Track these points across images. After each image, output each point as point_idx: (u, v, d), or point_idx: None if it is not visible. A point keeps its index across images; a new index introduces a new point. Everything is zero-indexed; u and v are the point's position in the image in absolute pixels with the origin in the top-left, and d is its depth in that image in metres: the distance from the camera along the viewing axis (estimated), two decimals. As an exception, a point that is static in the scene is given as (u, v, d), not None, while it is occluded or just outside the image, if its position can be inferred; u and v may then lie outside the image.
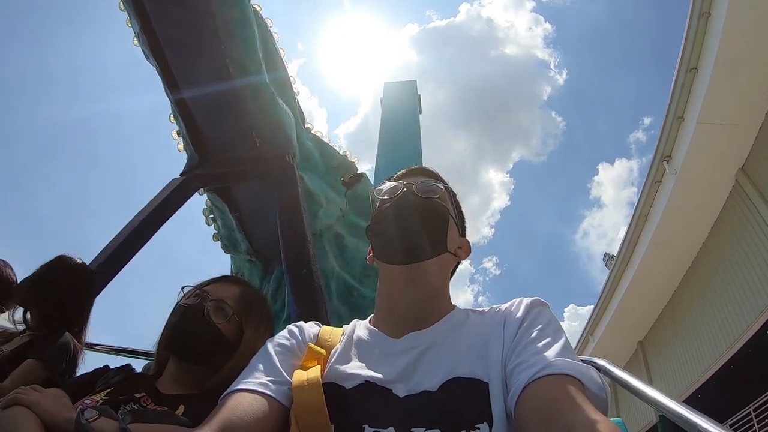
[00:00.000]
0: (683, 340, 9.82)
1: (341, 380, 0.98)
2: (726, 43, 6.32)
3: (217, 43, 2.20)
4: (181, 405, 1.29)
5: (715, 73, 6.62)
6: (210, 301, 1.43)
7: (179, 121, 2.39)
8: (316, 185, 2.63)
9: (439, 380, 0.91)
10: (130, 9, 2.19)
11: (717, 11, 6.35)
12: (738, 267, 8.01)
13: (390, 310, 1.12)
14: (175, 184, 2.35)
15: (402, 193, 1.15)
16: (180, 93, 2.34)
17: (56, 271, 1.93)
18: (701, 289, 9.20)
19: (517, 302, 1.05)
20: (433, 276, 1.10)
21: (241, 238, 2.72)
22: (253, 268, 2.82)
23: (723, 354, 8.36)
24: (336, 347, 1.09)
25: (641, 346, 11.83)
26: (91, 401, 1.26)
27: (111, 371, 1.50)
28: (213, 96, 2.34)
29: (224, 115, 2.39)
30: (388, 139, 5.90)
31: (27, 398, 1.12)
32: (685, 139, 7.58)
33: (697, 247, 9.15)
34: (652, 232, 9.02)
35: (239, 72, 2.27)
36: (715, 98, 6.86)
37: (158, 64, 2.27)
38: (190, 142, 2.43)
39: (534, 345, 0.91)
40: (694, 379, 9.25)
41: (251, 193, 2.61)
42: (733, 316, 8.15)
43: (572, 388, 0.79)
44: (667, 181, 8.31)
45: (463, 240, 1.22)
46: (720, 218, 8.48)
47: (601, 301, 11.44)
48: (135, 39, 2.25)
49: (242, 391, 0.97)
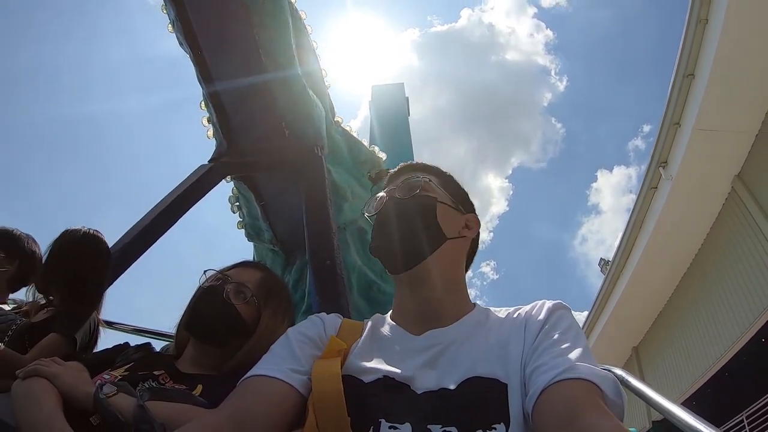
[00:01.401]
0: (678, 346, 9.90)
1: (360, 374, 0.98)
2: (723, 50, 6.42)
3: (251, 32, 2.21)
4: (199, 385, 1.31)
5: (712, 79, 6.72)
6: (230, 283, 1.45)
7: (210, 108, 2.40)
8: (342, 179, 2.65)
9: (458, 378, 0.92)
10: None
11: (714, 18, 6.45)
12: (733, 274, 8.11)
13: (406, 309, 1.12)
14: (203, 170, 2.35)
15: (385, 202, 1.17)
16: (212, 81, 2.35)
17: (63, 247, 1.93)
18: (696, 295, 9.29)
19: (539, 304, 1.06)
20: (442, 268, 1.11)
21: (265, 227, 2.73)
22: (275, 257, 2.83)
23: (717, 360, 8.43)
24: (357, 341, 1.09)
25: (636, 351, 11.90)
26: (110, 376, 1.28)
27: (131, 348, 1.52)
28: (244, 85, 2.34)
29: (254, 105, 2.40)
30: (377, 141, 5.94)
31: (47, 370, 1.13)
32: (682, 146, 7.66)
33: (693, 254, 9.25)
34: (647, 238, 9.10)
35: (271, 62, 2.28)
36: (712, 105, 6.96)
37: (191, 51, 2.28)
38: (220, 129, 2.43)
39: (554, 348, 0.91)
40: (689, 385, 9.32)
41: (278, 184, 2.62)
42: (727, 322, 8.23)
43: (591, 393, 0.80)
44: (663, 187, 8.39)
45: (468, 217, 1.22)
46: (716, 225, 8.58)
47: (596, 307, 11.50)
48: (170, 26, 2.26)
49: (262, 377, 0.98)
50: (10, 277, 2.22)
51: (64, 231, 1.96)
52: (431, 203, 1.15)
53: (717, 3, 6.35)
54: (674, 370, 10.00)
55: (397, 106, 6.62)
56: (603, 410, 0.77)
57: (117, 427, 1.03)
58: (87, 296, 1.92)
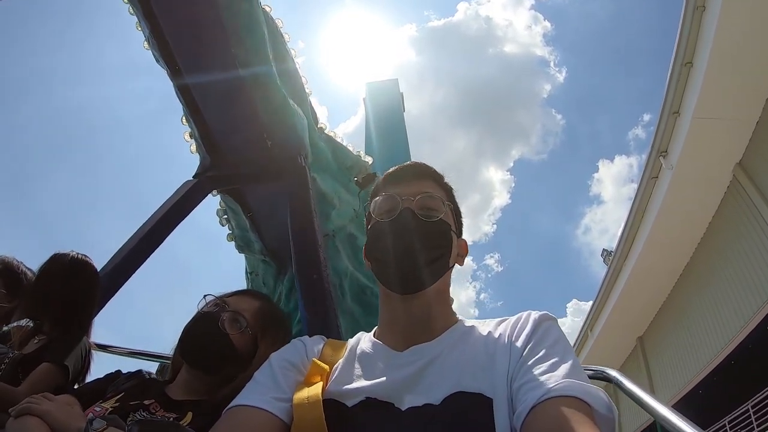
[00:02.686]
0: (682, 336, 9.88)
1: (342, 397, 0.98)
2: (721, 37, 6.36)
3: (227, 45, 2.19)
4: (189, 412, 1.30)
5: (710, 67, 6.66)
6: (227, 311, 1.44)
7: (191, 123, 2.39)
8: (328, 186, 2.64)
9: (443, 394, 0.91)
10: (139, 12, 2.18)
11: (712, 4, 6.38)
12: (736, 262, 8.07)
13: (391, 325, 1.11)
14: (189, 186, 2.34)
15: (400, 213, 1.11)
16: (191, 96, 2.34)
17: (52, 272, 1.91)
18: (699, 284, 9.26)
19: (524, 316, 1.04)
20: (433, 294, 1.10)
21: (254, 239, 2.72)
22: (267, 268, 2.81)
23: (722, 350, 8.41)
24: (339, 362, 1.09)
25: (640, 341, 11.89)
26: (101, 409, 1.29)
27: (122, 377, 1.52)
28: (224, 98, 2.34)
29: (235, 117, 2.38)
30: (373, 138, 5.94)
31: (38, 408, 1.13)
32: (681, 134, 7.62)
33: (695, 243, 9.21)
34: (649, 227, 9.07)
35: (250, 74, 2.26)
36: (711, 93, 6.90)
37: (168, 67, 2.27)
38: (203, 144, 2.42)
39: (541, 364, 0.90)
40: (693, 375, 9.30)
41: (264, 194, 2.61)
42: (731, 311, 8.20)
43: (580, 412, 0.79)
44: (664, 176, 8.36)
45: (461, 242, 1.21)
46: (717, 214, 8.54)
47: (600, 297, 11.50)
48: (145, 42, 2.24)
49: (246, 407, 0.98)
50: (5, 314, 2.20)
51: (52, 256, 1.94)
52: (450, 235, 1.14)
53: (713, -10, 6.26)
54: (679, 359, 9.99)
55: (392, 102, 6.61)
56: (592, 428, 0.77)
57: None
58: (77, 322, 1.91)
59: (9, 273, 2.18)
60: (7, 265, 2.18)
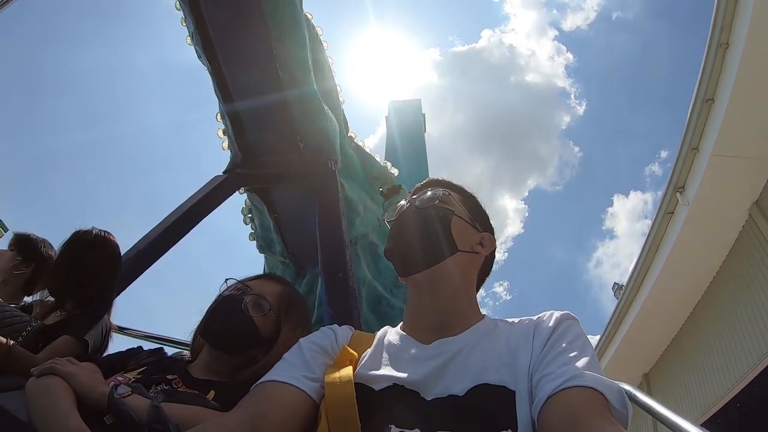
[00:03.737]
0: (689, 375, 9.69)
1: (370, 382, 1.00)
2: (743, 75, 6.36)
3: (268, 47, 2.24)
4: (211, 390, 1.31)
5: (731, 104, 6.65)
6: (250, 294, 1.46)
7: (226, 120, 2.43)
8: (355, 193, 2.67)
9: (467, 385, 0.93)
10: (186, 8, 2.24)
11: (735, 42, 6.41)
12: (749, 302, 7.93)
13: (417, 319, 1.14)
14: (218, 181, 2.38)
15: (404, 209, 1.23)
16: (228, 93, 2.39)
17: (74, 249, 1.94)
18: (710, 323, 9.10)
19: (547, 314, 1.08)
20: (450, 278, 1.13)
21: (277, 240, 2.75)
22: (285, 269, 2.84)
23: (728, 391, 8.23)
24: (367, 351, 1.11)
25: (646, 378, 11.68)
26: (124, 378, 1.29)
27: (144, 352, 1.54)
28: (260, 99, 2.38)
29: (270, 118, 2.43)
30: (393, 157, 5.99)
31: (63, 369, 1.14)
32: (699, 171, 7.55)
33: (708, 281, 9.07)
34: (662, 263, 8.94)
35: (288, 77, 2.31)
36: (731, 130, 6.86)
37: (209, 63, 2.32)
38: (235, 141, 2.46)
39: (561, 357, 0.92)
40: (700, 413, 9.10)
41: (291, 197, 2.64)
42: (741, 353, 8.04)
43: (596, 402, 0.81)
44: (680, 212, 8.28)
45: (483, 235, 1.25)
46: (732, 252, 8.43)
47: (608, 331, 11.32)
48: (189, 38, 2.30)
49: (275, 383, 1.00)
50: (26, 281, 2.27)
51: (75, 232, 1.97)
52: (447, 215, 1.19)
53: (738, 28, 6.31)
54: (686, 397, 9.79)
55: (414, 122, 6.66)
56: (608, 418, 0.78)
57: (131, 427, 1.04)
58: (98, 299, 1.93)
59: (22, 243, 2.29)
60: (19, 236, 2.30)
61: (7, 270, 2.23)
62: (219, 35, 2.28)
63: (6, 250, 2.28)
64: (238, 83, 2.38)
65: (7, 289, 2.22)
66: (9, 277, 2.23)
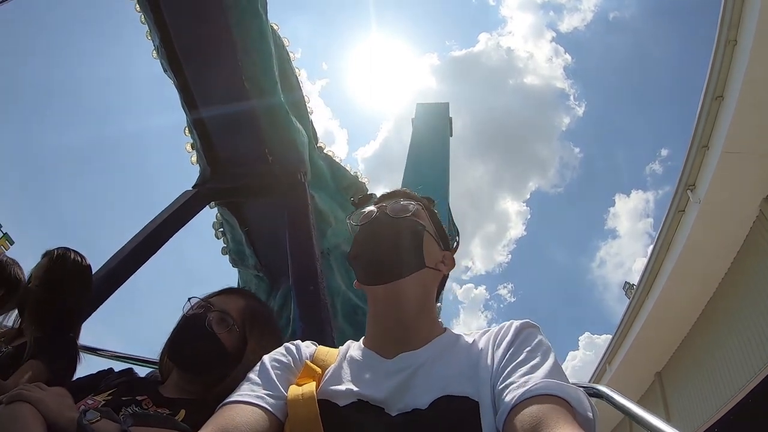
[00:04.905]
0: (702, 373, 9.54)
1: (334, 398, 0.99)
2: (752, 72, 6.24)
3: (235, 59, 2.23)
4: (182, 410, 1.30)
5: (741, 101, 6.53)
6: (213, 311, 1.44)
7: (194, 134, 2.43)
8: (326, 204, 2.65)
9: (430, 398, 0.92)
10: (151, 22, 2.24)
11: (743, 39, 6.31)
12: (761, 297, 7.79)
13: (378, 331, 1.13)
14: (187, 196, 2.37)
15: (375, 215, 1.18)
16: (196, 107, 2.38)
17: (54, 275, 1.93)
18: (722, 320, 8.94)
19: (507, 325, 1.06)
20: (415, 292, 1.11)
21: (249, 253, 2.73)
22: (260, 283, 2.82)
23: (741, 388, 8.10)
24: (330, 366, 1.10)
25: (659, 377, 11.53)
26: (93, 401, 1.28)
27: (114, 374, 1.52)
28: (228, 111, 2.37)
29: (238, 131, 2.42)
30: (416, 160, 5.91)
31: (31, 395, 1.11)
32: (710, 168, 7.45)
33: (720, 278, 8.91)
34: (674, 261, 8.83)
35: (254, 89, 2.30)
36: (741, 127, 6.74)
37: (176, 77, 2.31)
38: (204, 155, 2.45)
39: (522, 366, 0.91)
40: (712, 413, 8.96)
41: (261, 209, 2.63)
42: (753, 349, 7.90)
43: (559, 409, 0.79)
44: (691, 210, 8.17)
45: (445, 254, 1.23)
46: (743, 248, 8.27)
47: (620, 331, 11.21)
48: (154, 52, 2.30)
49: (239, 403, 0.98)
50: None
51: (48, 253, 1.97)
52: (420, 230, 1.18)
53: (745, 25, 6.20)
54: (698, 397, 9.65)
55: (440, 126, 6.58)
56: (572, 425, 0.77)
57: None
58: (68, 322, 1.93)
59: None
60: None
61: None
62: (184, 48, 2.28)
63: None
64: (204, 96, 2.38)
65: None
66: None
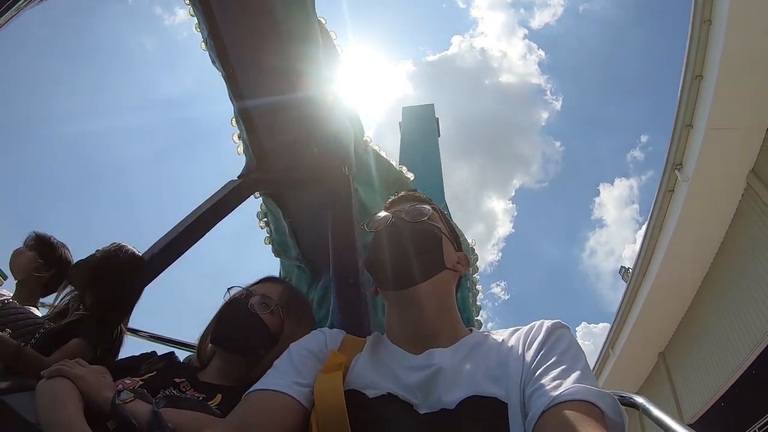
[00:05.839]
0: (704, 349, 9.71)
1: (363, 388, 1.00)
2: (729, 49, 6.51)
3: (282, 50, 2.24)
4: (218, 394, 1.35)
5: (720, 78, 6.79)
6: (254, 296, 1.52)
7: (240, 124, 2.43)
8: (369, 198, 2.65)
9: (458, 397, 0.93)
10: (200, 14, 2.25)
11: (717, 18, 6.58)
12: (755, 268, 8.01)
13: (404, 331, 1.14)
14: (232, 185, 2.38)
15: (392, 221, 1.21)
16: (242, 98, 2.39)
17: (114, 258, 2.00)
18: (720, 294, 9.16)
19: (537, 325, 1.07)
20: (435, 294, 1.13)
21: (292, 244, 2.73)
22: (301, 273, 2.82)
23: (744, 359, 8.26)
24: (358, 355, 1.11)
25: (662, 357, 11.70)
26: (131, 381, 1.32)
27: (156, 357, 1.58)
28: (275, 104, 2.37)
29: (285, 123, 2.43)
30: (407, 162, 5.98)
31: (71, 371, 1.17)
32: (695, 147, 7.70)
33: (714, 252, 9.15)
34: (667, 241, 9.04)
35: (302, 82, 2.31)
36: (723, 103, 7.01)
37: (223, 68, 2.32)
38: (250, 146, 2.47)
39: (553, 370, 0.91)
40: (718, 387, 9.12)
41: (306, 201, 2.63)
42: (752, 319, 8.09)
43: (591, 415, 0.81)
44: (680, 189, 8.39)
45: (460, 255, 1.28)
46: (734, 221, 8.51)
47: (620, 315, 11.36)
48: (203, 44, 2.32)
49: (265, 391, 1.00)
50: (44, 284, 2.31)
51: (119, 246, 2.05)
52: (438, 233, 1.21)
53: (719, 3, 6.45)
54: (702, 372, 9.80)
55: (427, 127, 6.67)
56: (603, 430, 0.78)
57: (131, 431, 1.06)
58: (118, 306, 2.00)
59: (43, 245, 2.33)
60: (40, 238, 2.34)
61: (27, 271, 2.26)
62: (232, 39, 2.28)
63: (25, 250, 2.30)
64: (251, 88, 2.38)
65: (24, 290, 2.26)
66: (27, 278, 2.26)
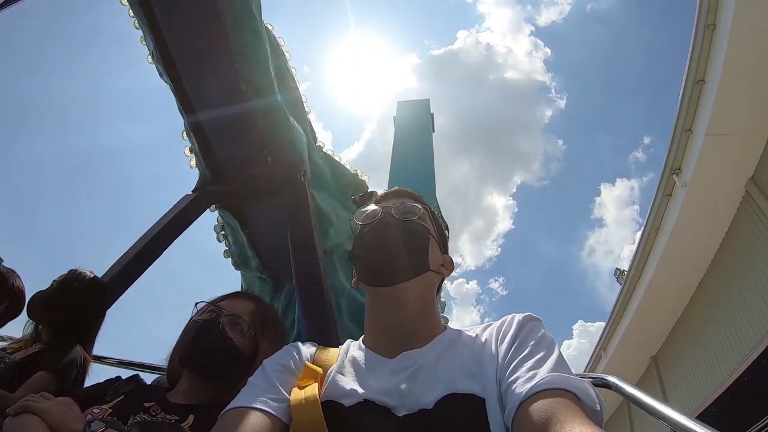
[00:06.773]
0: (697, 354, 9.66)
1: (339, 398, 0.98)
2: (732, 54, 6.35)
3: (230, 61, 2.21)
4: (190, 415, 1.29)
5: (722, 84, 6.64)
6: (225, 316, 1.43)
7: (191, 137, 2.40)
8: (326, 203, 2.64)
9: (435, 397, 0.92)
10: (145, 27, 2.22)
11: (722, 23, 6.42)
12: (751, 275, 7.91)
13: (379, 330, 1.13)
14: (187, 200, 2.35)
15: (381, 216, 1.18)
16: (192, 110, 2.36)
17: (70, 285, 1.93)
18: (714, 301, 9.07)
19: (509, 319, 1.06)
20: (418, 295, 1.12)
21: (252, 255, 2.71)
22: (263, 285, 2.81)
23: (737, 367, 8.21)
24: (332, 366, 1.09)
25: (654, 360, 11.67)
26: (99, 410, 1.27)
27: (121, 382, 1.50)
28: (225, 114, 2.34)
29: (236, 133, 2.40)
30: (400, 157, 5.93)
31: (37, 406, 1.13)
32: (694, 152, 7.56)
33: (709, 259, 9.05)
34: (663, 245, 8.95)
35: (251, 90, 2.28)
36: (723, 109, 6.86)
37: (171, 81, 2.29)
38: (202, 158, 2.43)
39: (527, 361, 0.91)
40: (709, 393, 9.08)
41: (262, 211, 2.61)
42: (746, 327, 8.01)
43: (567, 403, 0.80)
44: (678, 194, 8.28)
45: (445, 257, 1.25)
46: (731, 229, 8.39)
47: (613, 317, 11.32)
48: (149, 57, 2.28)
49: (242, 408, 0.98)
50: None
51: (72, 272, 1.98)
52: (426, 233, 1.18)
53: (724, 8, 6.30)
54: (694, 378, 9.77)
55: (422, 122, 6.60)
56: (581, 418, 0.77)
57: None
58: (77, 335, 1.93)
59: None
60: None
61: None
62: (179, 52, 2.25)
63: None
64: (201, 99, 2.35)
65: None
66: None
